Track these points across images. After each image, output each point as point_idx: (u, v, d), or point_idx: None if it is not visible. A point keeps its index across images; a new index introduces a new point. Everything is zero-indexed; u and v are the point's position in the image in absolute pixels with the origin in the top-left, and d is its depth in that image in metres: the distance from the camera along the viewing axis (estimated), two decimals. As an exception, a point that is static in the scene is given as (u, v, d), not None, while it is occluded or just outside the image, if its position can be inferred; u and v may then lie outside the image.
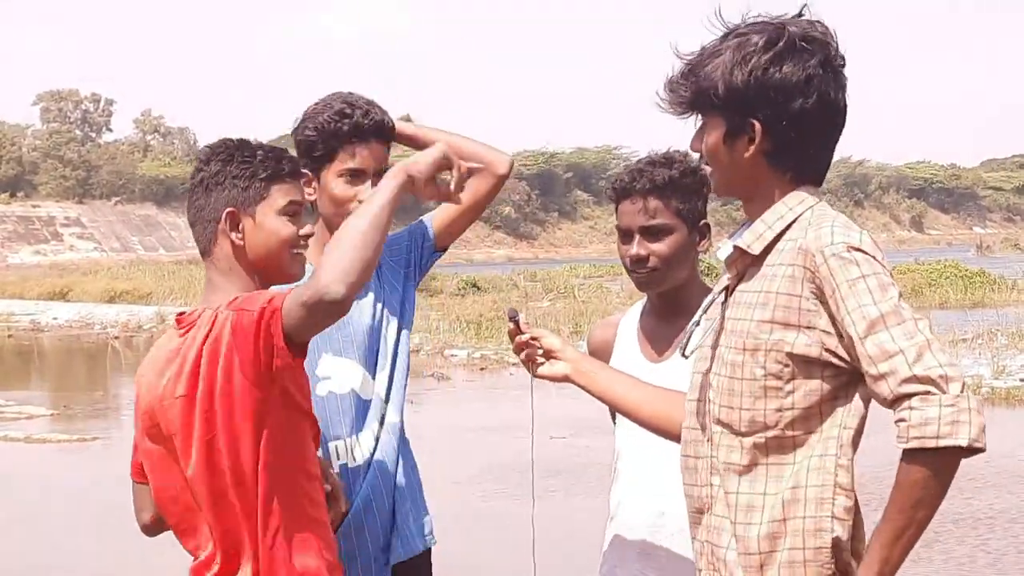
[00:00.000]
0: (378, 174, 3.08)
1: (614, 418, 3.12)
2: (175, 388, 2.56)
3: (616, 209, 3.08)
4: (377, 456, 3.11)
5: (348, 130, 3.09)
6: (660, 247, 2.99)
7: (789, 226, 2.25)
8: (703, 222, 3.06)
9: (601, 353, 3.18)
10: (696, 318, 2.42)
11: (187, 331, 2.59)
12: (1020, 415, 13.90)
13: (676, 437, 2.51)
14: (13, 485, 10.84)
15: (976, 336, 18.61)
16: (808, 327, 2.17)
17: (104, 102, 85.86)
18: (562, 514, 8.58)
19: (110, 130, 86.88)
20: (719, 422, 2.27)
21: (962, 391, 2.05)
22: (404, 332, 3.21)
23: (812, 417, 2.20)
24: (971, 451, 2.05)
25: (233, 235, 2.65)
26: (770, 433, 2.21)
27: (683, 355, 2.41)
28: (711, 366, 2.32)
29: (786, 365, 2.19)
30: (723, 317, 2.32)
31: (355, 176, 3.11)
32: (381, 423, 3.13)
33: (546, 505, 9.03)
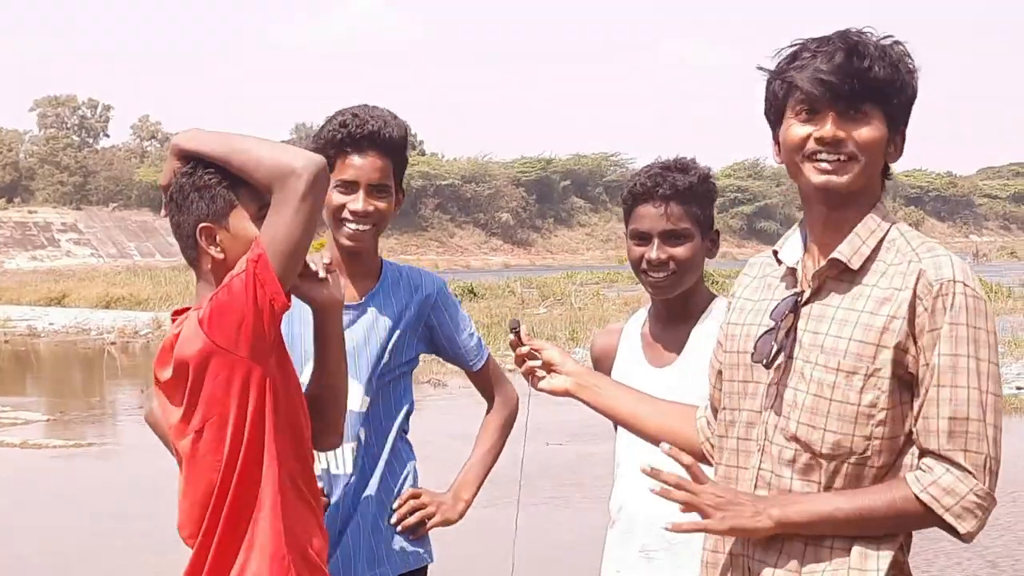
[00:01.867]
0: (374, 187, 3.06)
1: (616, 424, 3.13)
2: (163, 381, 2.59)
3: (630, 212, 3.05)
4: (359, 471, 3.10)
5: (341, 140, 3.06)
6: (679, 252, 2.98)
7: (880, 242, 2.23)
8: (715, 229, 3.07)
9: (604, 360, 3.17)
10: (769, 326, 2.28)
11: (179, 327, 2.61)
12: (1016, 424, 13.90)
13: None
14: (8, 490, 10.82)
15: (973, 344, 18.57)
16: (903, 350, 2.15)
17: (101, 108, 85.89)
18: (562, 520, 8.58)
19: (107, 136, 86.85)
20: (795, 439, 2.21)
21: (992, 490, 2.12)
22: (400, 355, 3.16)
23: (895, 447, 2.18)
24: (957, 536, 2.13)
25: (212, 250, 2.59)
26: (853, 459, 2.17)
27: (765, 365, 2.27)
28: (786, 380, 2.24)
29: (883, 391, 2.15)
30: (795, 328, 2.24)
31: (347, 187, 3.07)
32: (361, 439, 3.11)
33: (545, 512, 9.03)
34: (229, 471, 2.51)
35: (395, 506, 3.12)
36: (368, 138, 3.06)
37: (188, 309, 2.63)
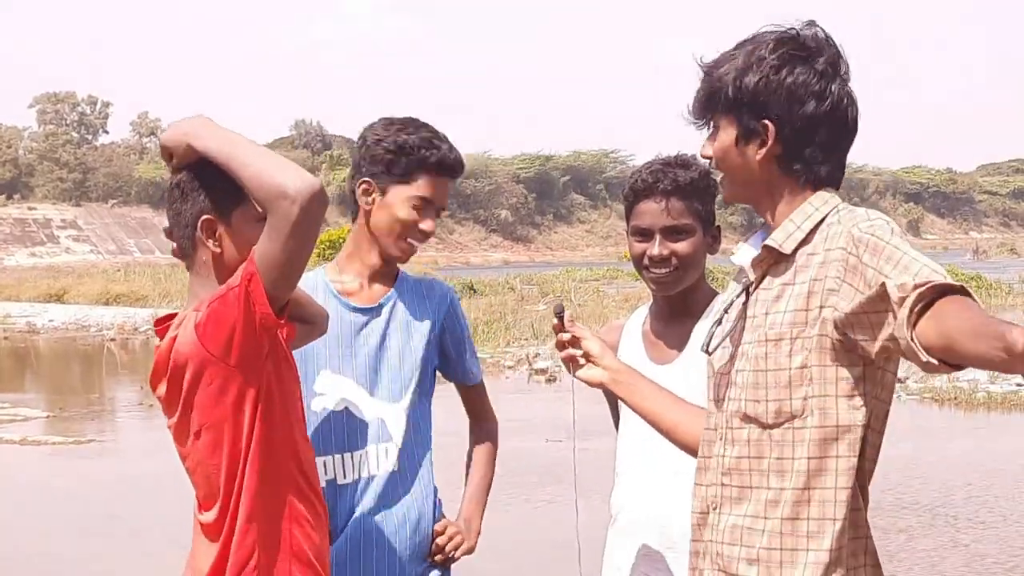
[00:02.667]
0: (439, 211, 3.14)
1: (617, 423, 3.12)
2: (159, 390, 2.60)
3: (631, 208, 3.05)
4: (374, 480, 3.08)
5: (434, 161, 3.09)
6: (681, 247, 2.99)
7: (817, 226, 2.25)
8: (716, 225, 3.07)
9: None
10: (717, 317, 2.38)
11: (164, 335, 2.60)
12: (1016, 420, 13.91)
13: None
14: (8, 487, 10.83)
15: (972, 340, 18.57)
16: (826, 306, 2.15)
17: (101, 104, 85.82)
18: (561, 518, 8.57)
19: (106, 132, 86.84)
20: (746, 417, 2.25)
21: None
22: (422, 369, 3.16)
23: (828, 409, 2.18)
24: None
25: (210, 243, 2.59)
26: (796, 424, 2.19)
27: (706, 352, 2.35)
28: (733, 365, 2.30)
29: (809, 351, 2.17)
30: (744, 316, 2.30)
31: (425, 205, 3.10)
32: (369, 453, 3.09)
33: (545, 510, 9.04)
34: (231, 475, 2.52)
35: (437, 538, 3.16)
36: (453, 168, 3.15)
37: (173, 316, 2.63)
